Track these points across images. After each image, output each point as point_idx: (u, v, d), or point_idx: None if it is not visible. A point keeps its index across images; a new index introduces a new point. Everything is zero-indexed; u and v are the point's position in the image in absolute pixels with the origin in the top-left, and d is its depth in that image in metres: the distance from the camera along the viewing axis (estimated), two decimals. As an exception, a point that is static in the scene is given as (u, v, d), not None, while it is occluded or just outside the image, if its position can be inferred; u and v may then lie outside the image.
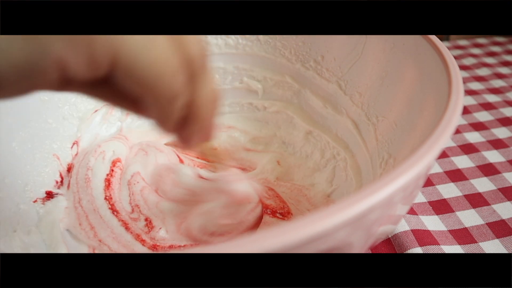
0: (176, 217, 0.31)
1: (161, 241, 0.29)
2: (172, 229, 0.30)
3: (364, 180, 0.30)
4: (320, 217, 0.13)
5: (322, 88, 0.36)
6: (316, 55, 0.36)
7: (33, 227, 0.29)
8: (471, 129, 0.44)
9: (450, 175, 0.37)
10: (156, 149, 0.36)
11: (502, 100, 0.49)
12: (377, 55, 0.30)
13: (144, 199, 0.32)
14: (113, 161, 0.34)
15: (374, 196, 0.14)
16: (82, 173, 0.33)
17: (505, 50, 0.62)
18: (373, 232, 0.18)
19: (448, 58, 0.22)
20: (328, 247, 0.14)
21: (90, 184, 0.32)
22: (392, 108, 0.28)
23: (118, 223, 0.30)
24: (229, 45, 0.39)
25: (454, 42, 0.65)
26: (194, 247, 0.30)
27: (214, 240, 0.30)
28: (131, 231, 0.30)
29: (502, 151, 0.40)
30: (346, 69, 0.34)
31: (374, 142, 0.30)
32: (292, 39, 0.37)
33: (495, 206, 0.34)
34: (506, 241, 0.31)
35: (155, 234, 0.30)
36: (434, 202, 0.34)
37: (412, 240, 0.30)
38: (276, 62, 0.39)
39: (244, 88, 0.41)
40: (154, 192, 0.32)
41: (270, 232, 0.12)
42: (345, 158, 0.34)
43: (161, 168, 0.34)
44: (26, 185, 0.30)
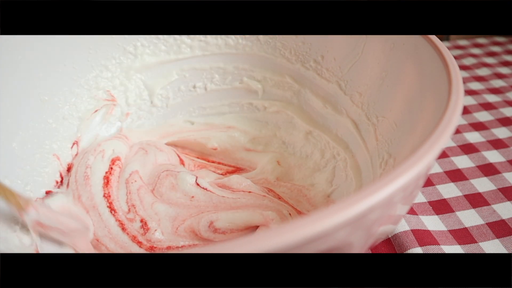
0: (172, 219, 0.31)
1: (157, 243, 0.29)
2: (168, 230, 0.30)
3: (364, 180, 0.30)
4: (320, 217, 0.13)
5: (322, 88, 0.36)
6: (316, 55, 0.36)
7: (33, 227, 0.29)
8: (471, 129, 0.44)
9: (450, 175, 0.37)
10: (156, 148, 0.36)
11: (502, 100, 0.49)
12: (377, 55, 0.30)
13: (140, 199, 0.32)
14: (113, 159, 0.34)
15: (374, 196, 0.13)
16: (81, 171, 0.33)
17: (505, 50, 0.62)
18: (373, 232, 0.18)
19: (448, 58, 0.22)
20: (328, 247, 0.14)
21: (89, 182, 0.32)
22: (392, 108, 0.28)
23: (115, 222, 0.30)
24: (229, 45, 0.39)
25: (454, 42, 0.65)
26: (192, 247, 0.30)
27: (217, 238, 0.30)
28: (127, 232, 0.30)
29: (502, 151, 0.40)
30: (346, 69, 0.34)
31: (374, 142, 0.30)
32: (292, 39, 0.37)
33: (495, 206, 0.34)
34: (506, 241, 0.31)
35: (150, 236, 0.30)
36: (434, 202, 0.34)
37: (412, 240, 0.30)
38: (276, 62, 0.39)
39: (244, 88, 0.41)
40: (150, 192, 0.32)
41: (270, 232, 0.12)
42: (345, 158, 0.34)
43: (160, 169, 0.34)
44: (26, 185, 0.30)
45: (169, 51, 0.38)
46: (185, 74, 0.40)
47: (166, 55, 0.38)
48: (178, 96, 0.41)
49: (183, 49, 0.38)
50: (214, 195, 0.32)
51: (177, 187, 0.32)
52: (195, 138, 0.40)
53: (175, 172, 0.33)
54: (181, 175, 0.32)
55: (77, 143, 0.35)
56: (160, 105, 0.40)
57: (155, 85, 0.39)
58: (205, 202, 0.32)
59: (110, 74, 0.36)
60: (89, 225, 0.30)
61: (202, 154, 0.40)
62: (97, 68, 0.35)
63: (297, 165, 0.37)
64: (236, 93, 0.42)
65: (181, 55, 0.39)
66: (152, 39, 0.37)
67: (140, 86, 0.38)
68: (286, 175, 0.37)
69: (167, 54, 0.38)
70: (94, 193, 0.31)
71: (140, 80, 0.38)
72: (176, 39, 0.38)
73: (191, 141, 0.40)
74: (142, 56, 0.37)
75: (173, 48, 0.38)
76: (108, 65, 0.36)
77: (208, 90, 0.41)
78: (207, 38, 0.38)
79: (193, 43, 0.38)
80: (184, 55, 0.39)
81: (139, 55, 0.37)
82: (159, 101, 0.40)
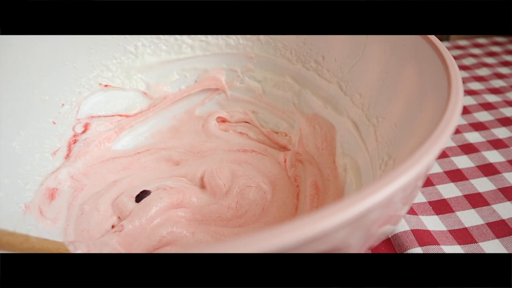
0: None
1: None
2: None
3: (364, 181, 0.30)
4: (319, 217, 0.13)
5: (323, 88, 0.36)
6: (316, 56, 0.36)
7: (33, 227, 0.29)
8: (471, 129, 0.44)
9: (450, 175, 0.37)
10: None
11: (502, 100, 0.49)
12: (378, 56, 0.30)
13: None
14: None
15: (374, 196, 0.14)
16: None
17: (505, 50, 0.62)
18: (373, 233, 0.18)
19: (448, 58, 0.22)
20: (327, 247, 0.14)
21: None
22: (392, 108, 0.28)
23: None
24: (230, 45, 0.39)
25: (454, 42, 0.65)
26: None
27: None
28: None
29: (502, 151, 0.40)
30: (347, 69, 0.34)
31: (374, 143, 0.30)
32: (293, 39, 0.37)
33: (495, 206, 0.34)
34: (506, 241, 0.31)
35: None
36: (434, 202, 0.34)
37: (412, 240, 0.30)
38: (276, 63, 0.39)
39: (245, 88, 0.41)
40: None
41: (269, 232, 0.12)
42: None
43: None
44: (26, 185, 0.30)
45: (170, 51, 0.38)
46: (186, 74, 0.40)
47: (167, 55, 0.38)
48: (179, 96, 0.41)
49: (184, 49, 0.38)
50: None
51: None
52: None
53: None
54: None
55: (77, 143, 0.35)
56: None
57: (155, 85, 0.39)
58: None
59: (111, 74, 0.36)
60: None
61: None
62: (98, 68, 0.36)
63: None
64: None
65: (182, 55, 0.39)
66: (153, 39, 0.37)
67: (141, 86, 0.38)
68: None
69: (168, 54, 0.38)
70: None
71: (141, 80, 0.38)
72: (177, 39, 0.38)
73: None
74: (143, 56, 0.37)
75: (174, 48, 0.38)
76: (109, 64, 0.36)
77: (208, 90, 0.41)
78: (208, 38, 0.38)
79: (194, 43, 0.38)
80: (185, 55, 0.39)
81: (140, 55, 0.37)
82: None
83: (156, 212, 0.30)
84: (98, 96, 0.36)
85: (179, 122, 0.41)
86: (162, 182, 0.33)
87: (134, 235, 0.29)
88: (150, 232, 0.29)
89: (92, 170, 0.35)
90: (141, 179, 0.34)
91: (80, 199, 0.32)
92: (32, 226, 0.29)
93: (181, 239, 0.29)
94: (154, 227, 0.30)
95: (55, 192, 0.31)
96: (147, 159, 0.37)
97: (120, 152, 0.37)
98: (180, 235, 0.29)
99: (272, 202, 0.32)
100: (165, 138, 0.40)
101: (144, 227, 0.30)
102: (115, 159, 0.36)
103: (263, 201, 0.32)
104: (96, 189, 0.33)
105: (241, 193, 0.32)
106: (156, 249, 0.29)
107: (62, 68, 0.33)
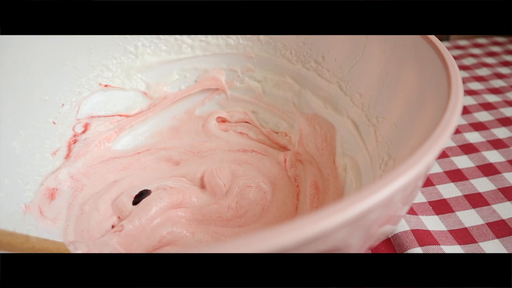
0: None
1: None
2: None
3: (364, 181, 0.30)
4: (319, 217, 0.13)
5: (323, 88, 0.36)
6: (316, 56, 0.36)
7: (33, 227, 0.29)
8: (471, 129, 0.44)
9: (450, 175, 0.37)
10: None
11: (502, 100, 0.49)
12: (378, 56, 0.30)
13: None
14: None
15: (374, 196, 0.14)
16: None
17: (505, 50, 0.62)
18: (373, 233, 0.18)
19: (447, 58, 0.22)
20: (327, 247, 0.14)
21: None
22: (392, 109, 0.28)
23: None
24: (230, 45, 0.39)
25: (454, 42, 0.65)
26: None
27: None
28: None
29: (502, 151, 0.40)
30: (347, 70, 0.34)
31: (374, 143, 0.30)
32: (293, 39, 0.37)
33: (495, 206, 0.34)
34: (506, 241, 0.31)
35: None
36: (434, 202, 0.34)
37: (412, 240, 0.30)
38: (276, 63, 0.39)
39: (245, 88, 0.41)
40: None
41: (269, 232, 0.12)
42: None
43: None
44: (26, 185, 0.30)
45: (170, 51, 0.38)
46: (186, 74, 0.40)
47: (167, 55, 0.38)
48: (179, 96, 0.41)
49: (184, 49, 0.38)
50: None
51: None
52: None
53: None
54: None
55: (77, 143, 0.35)
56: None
57: (155, 85, 0.39)
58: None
59: (111, 74, 0.36)
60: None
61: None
62: (98, 68, 0.36)
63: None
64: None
65: (182, 55, 0.39)
66: (153, 39, 0.37)
67: (141, 86, 0.38)
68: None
69: (168, 54, 0.38)
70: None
71: (141, 80, 0.38)
72: (177, 39, 0.38)
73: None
74: (143, 56, 0.37)
75: (174, 48, 0.38)
76: (109, 64, 0.36)
77: (208, 90, 0.41)
78: (208, 38, 0.38)
79: (194, 43, 0.38)
80: (185, 55, 0.39)
81: (140, 55, 0.37)
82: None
83: (156, 212, 0.30)
84: (98, 96, 0.36)
85: (179, 122, 0.41)
86: (162, 182, 0.33)
87: (134, 235, 0.29)
88: (150, 232, 0.29)
89: (92, 170, 0.35)
90: (141, 179, 0.34)
91: (80, 199, 0.32)
92: (32, 226, 0.29)
93: (181, 239, 0.29)
94: (154, 227, 0.30)
95: (55, 192, 0.31)
96: (147, 159, 0.37)
97: (120, 152, 0.37)
98: (180, 235, 0.29)
99: (272, 202, 0.32)
100: (165, 138, 0.40)
101: (144, 227, 0.29)
102: (115, 159, 0.36)
103: (263, 201, 0.32)
104: (96, 189, 0.33)
105: (241, 193, 0.32)
106: (156, 249, 0.29)
107: (62, 68, 0.33)
